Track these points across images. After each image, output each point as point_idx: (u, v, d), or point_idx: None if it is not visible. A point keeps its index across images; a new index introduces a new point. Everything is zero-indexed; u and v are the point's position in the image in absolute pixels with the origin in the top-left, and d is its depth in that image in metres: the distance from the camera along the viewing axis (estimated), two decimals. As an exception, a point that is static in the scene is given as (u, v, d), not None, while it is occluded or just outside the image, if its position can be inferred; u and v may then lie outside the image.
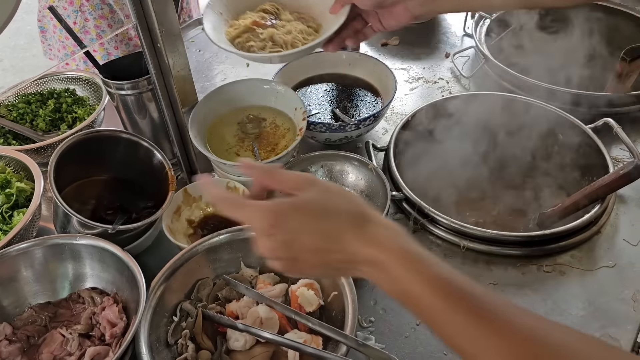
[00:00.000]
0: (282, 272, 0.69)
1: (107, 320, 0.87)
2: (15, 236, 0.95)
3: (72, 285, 0.95)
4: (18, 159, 1.12)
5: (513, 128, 1.20)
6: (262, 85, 1.20)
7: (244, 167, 0.68)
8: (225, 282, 0.92)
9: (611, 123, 1.15)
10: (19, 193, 1.08)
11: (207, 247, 0.92)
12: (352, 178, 1.13)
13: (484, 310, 0.51)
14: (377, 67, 1.32)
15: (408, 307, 0.56)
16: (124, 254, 0.89)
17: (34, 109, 1.32)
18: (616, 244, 1.03)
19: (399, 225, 0.60)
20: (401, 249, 0.56)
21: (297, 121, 1.14)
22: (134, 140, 1.02)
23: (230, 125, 1.18)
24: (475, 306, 0.52)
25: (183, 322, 0.88)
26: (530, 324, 0.51)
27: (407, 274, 0.55)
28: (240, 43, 1.05)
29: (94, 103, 1.37)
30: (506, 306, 0.52)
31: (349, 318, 0.79)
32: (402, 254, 0.56)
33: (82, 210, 0.94)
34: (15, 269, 0.92)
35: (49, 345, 0.87)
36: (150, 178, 1.03)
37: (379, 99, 1.31)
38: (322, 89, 1.35)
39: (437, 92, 1.45)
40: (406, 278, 0.55)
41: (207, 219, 1.09)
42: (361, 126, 1.18)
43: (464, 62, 1.54)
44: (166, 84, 1.04)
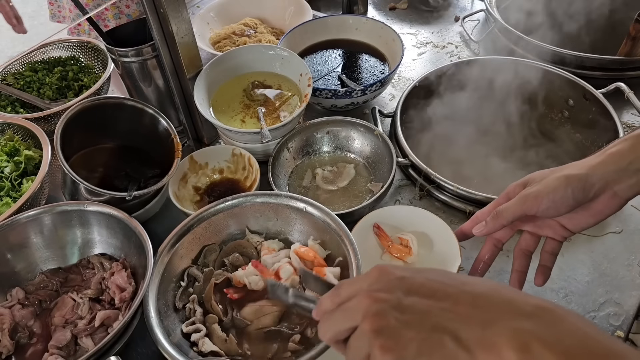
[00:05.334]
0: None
1: (116, 285, 0.89)
2: (24, 203, 0.96)
3: (81, 251, 0.97)
4: (26, 127, 1.13)
5: (522, 93, 1.18)
6: (268, 51, 1.19)
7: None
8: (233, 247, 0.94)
9: (623, 87, 1.13)
10: (27, 161, 1.09)
11: (213, 214, 0.93)
12: (358, 144, 1.13)
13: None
14: (385, 32, 1.30)
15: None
16: (131, 221, 0.90)
17: (41, 77, 1.32)
18: (624, 210, 1.00)
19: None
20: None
21: (303, 87, 1.13)
22: (140, 107, 1.02)
23: (235, 92, 1.17)
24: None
25: (190, 287, 0.89)
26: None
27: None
28: (219, 47, 1.41)
29: (99, 71, 1.37)
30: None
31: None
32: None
33: (90, 178, 0.94)
34: (25, 236, 0.94)
35: (61, 309, 0.89)
36: (156, 145, 1.03)
37: (386, 65, 1.29)
38: (328, 54, 1.33)
39: (445, 57, 1.42)
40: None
41: (214, 186, 1.10)
42: (367, 92, 1.17)
43: (473, 26, 1.51)
44: (170, 51, 1.04)
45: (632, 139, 0.65)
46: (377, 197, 0.98)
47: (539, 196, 0.67)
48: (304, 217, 0.92)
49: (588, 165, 0.66)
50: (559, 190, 0.66)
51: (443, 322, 0.45)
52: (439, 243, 0.89)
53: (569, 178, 0.66)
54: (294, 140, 1.12)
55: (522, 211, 0.69)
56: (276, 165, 1.07)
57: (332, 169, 1.11)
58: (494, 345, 0.43)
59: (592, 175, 0.65)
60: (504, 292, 0.47)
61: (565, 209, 0.67)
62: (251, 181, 1.06)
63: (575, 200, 0.66)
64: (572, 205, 0.66)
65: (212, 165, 1.11)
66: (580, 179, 0.65)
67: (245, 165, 1.08)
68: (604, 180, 0.65)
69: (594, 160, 0.66)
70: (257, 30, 1.46)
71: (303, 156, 1.14)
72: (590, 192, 0.65)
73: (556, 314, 0.44)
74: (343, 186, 1.08)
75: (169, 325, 0.82)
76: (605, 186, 0.65)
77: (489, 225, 0.72)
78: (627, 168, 0.64)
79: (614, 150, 0.66)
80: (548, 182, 0.67)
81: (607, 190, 0.65)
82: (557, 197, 0.66)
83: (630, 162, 0.64)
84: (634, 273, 0.92)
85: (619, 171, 0.64)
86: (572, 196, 0.65)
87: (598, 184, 0.65)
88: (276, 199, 0.94)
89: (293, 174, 1.12)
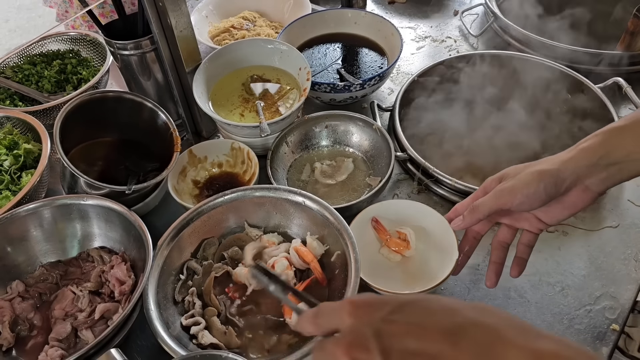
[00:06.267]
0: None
1: (115, 278, 0.89)
2: (24, 197, 0.96)
3: (81, 245, 0.97)
4: (25, 120, 1.13)
5: (521, 87, 1.18)
6: (267, 45, 1.19)
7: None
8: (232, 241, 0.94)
9: (621, 82, 1.13)
10: (26, 154, 1.09)
11: (212, 207, 0.93)
12: (357, 138, 1.13)
13: None
14: (383, 26, 1.30)
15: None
16: (131, 214, 0.91)
17: (39, 70, 1.32)
18: (620, 205, 1.03)
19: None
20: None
21: (302, 81, 1.13)
22: (138, 101, 1.02)
23: (234, 86, 1.17)
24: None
25: (189, 281, 0.90)
26: None
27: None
28: (218, 41, 1.40)
29: (98, 64, 1.37)
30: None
31: (351, 277, 0.80)
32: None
33: (89, 171, 0.95)
34: (25, 229, 0.94)
35: (61, 302, 0.90)
36: (155, 139, 1.04)
37: (384, 59, 1.29)
38: (327, 48, 1.33)
39: (444, 51, 1.42)
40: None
41: (213, 180, 1.10)
42: (366, 86, 1.17)
43: (472, 20, 1.51)
44: (169, 44, 1.04)
45: (602, 134, 0.68)
46: (376, 191, 0.99)
47: (513, 191, 0.69)
48: (303, 211, 0.93)
49: (560, 161, 0.68)
50: (532, 185, 0.68)
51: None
52: (437, 237, 0.89)
53: (541, 173, 0.68)
54: (292, 134, 1.12)
55: (497, 206, 0.71)
56: (275, 159, 1.08)
57: (331, 163, 1.11)
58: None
59: (563, 170, 0.67)
60: (512, 336, 0.40)
61: (538, 203, 0.69)
62: (250, 175, 1.07)
63: (547, 195, 0.68)
64: (545, 200, 0.69)
65: (211, 159, 1.11)
66: (552, 175, 0.67)
67: (244, 159, 1.09)
68: (575, 175, 0.67)
69: (565, 155, 0.69)
70: (256, 23, 1.47)
71: (302, 150, 1.14)
72: (562, 187, 0.67)
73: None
74: (341, 180, 1.08)
75: (168, 318, 0.83)
76: (577, 180, 0.67)
77: (466, 219, 0.75)
78: (597, 163, 0.66)
79: (585, 146, 0.68)
80: (521, 177, 0.69)
81: (579, 185, 0.67)
82: (530, 191, 0.68)
83: (600, 157, 0.66)
84: (630, 267, 0.93)
85: (590, 166, 0.66)
86: (545, 191, 0.68)
87: (569, 178, 0.67)
88: (275, 193, 0.94)
89: (292, 168, 1.12)
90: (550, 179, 0.67)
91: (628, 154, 0.65)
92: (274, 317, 0.84)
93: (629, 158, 0.65)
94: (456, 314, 0.42)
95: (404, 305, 0.43)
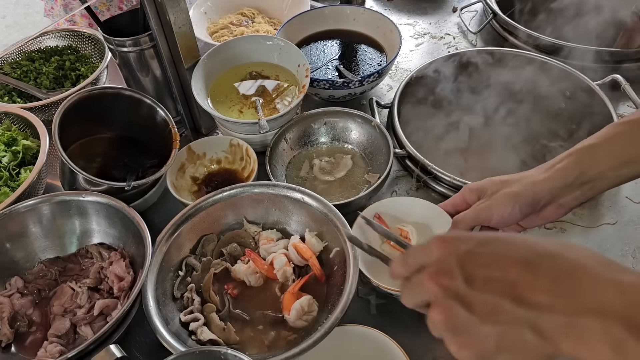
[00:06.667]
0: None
1: (114, 274, 0.90)
2: (23, 193, 0.96)
3: (80, 241, 0.97)
4: (23, 117, 1.13)
5: (519, 84, 1.18)
6: (265, 42, 1.18)
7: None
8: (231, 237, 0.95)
9: (619, 80, 1.13)
10: (25, 150, 1.09)
11: (211, 204, 0.94)
12: (356, 135, 1.13)
13: None
14: (382, 23, 1.30)
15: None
16: (129, 211, 0.91)
17: (38, 67, 1.32)
18: (618, 202, 1.03)
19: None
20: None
21: (301, 78, 1.13)
22: (137, 97, 1.02)
23: (233, 82, 1.17)
24: None
25: (188, 277, 0.90)
26: None
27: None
28: (216, 37, 1.40)
29: (97, 61, 1.36)
30: None
31: (350, 273, 0.81)
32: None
33: (88, 168, 0.94)
34: (24, 225, 0.94)
35: (60, 298, 0.90)
36: (154, 136, 1.04)
37: (383, 55, 1.29)
38: (325, 45, 1.33)
39: (443, 48, 1.42)
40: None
41: (211, 176, 1.10)
42: (365, 83, 1.17)
43: (471, 17, 1.51)
44: (168, 41, 1.03)
45: (576, 153, 0.71)
46: (374, 188, 0.99)
47: (490, 211, 0.74)
48: (302, 208, 0.93)
49: (534, 182, 0.72)
50: (507, 207, 0.72)
51: (519, 314, 0.42)
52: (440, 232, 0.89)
53: (516, 195, 0.72)
54: (291, 131, 1.12)
55: (476, 223, 0.76)
56: (274, 156, 1.08)
57: (330, 159, 1.12)
58: (583, 338, 0.40)
59: (538, 192, 0.71)
60: (592, 268, 0.41)
61: (514, 221, 0.74)
62: (249, 172, 1.07)
63: (522, 214, 0.73)
64: (520, 218, 0.73)
65: (209, 155, 1.11)
66: (527, 197, 0.71)
67: (242, 155, 1.09)
68: (550, 195, 0.71)
69: (541, 176, 0.72)
70: (255, 20, 1.47)
71: (300, 147, 1.14)
72: (537, 207, 0.72)
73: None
74: (340, 177, 1.08)
75: (167, 314, 0.83)
76: (551, 200, 0.72)
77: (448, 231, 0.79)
78: (572, 183, 0.70)
79: (560, 166, 0.71)
80: (498, 198, 0.74)
81: (553, 203, 0.72)
82: (505, 213, 0.72)
83: (575, 177, 0.70)
84: (628, 263, 0.93)
85: (564, 187, 0.71)
86: (520, 212, 0.72)
87: (544, 199, 0.71)
88: (274, 190, 0.94)
89: (290, 165, 1.12)
90: (526, 201, 0.71)
91: (600, 172, 0.69)
92: (272, 314, 0.85)
93: (600, 176, 0.69)
94: (537, 247, 0.44)
95: (488, 239, 0.46)
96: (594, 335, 0.39)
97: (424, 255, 0.49)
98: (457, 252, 0.46)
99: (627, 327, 0.38)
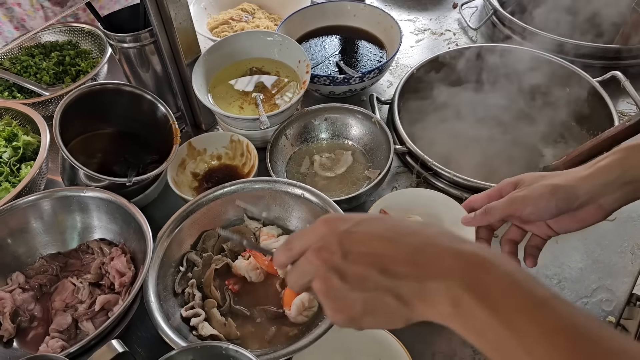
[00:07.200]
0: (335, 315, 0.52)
1: (115, 270, 0.90)
2: (23, 188, 0.97)
3: (80, 237, 0.97)
4: (24, 112, 1.13)
5: (519, 81, 1.18)
6: (266, 38, 1.18)
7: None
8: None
9: (619, 76, 1.13)
10: (25, 146, 1.09)
11: (212, 199, 0.94)
12: (356, 131, 1.13)
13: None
14: (383, 19, 1.30)
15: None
16: (130, 206, 0.91)
17: (38, 62, 1.31)
18: (618, 198, 1.03)
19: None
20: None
21: (301, 74, 1.13)
22: (138, 93, 1.02)
23: (233, 78, 1.17)
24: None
25: (189, 273, 0.90)
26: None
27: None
28: (216, 32, 1.40)
29: (97, 56, 1.36)
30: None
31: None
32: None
33: (89, 164, 0.95)
34: (25, 221, 0.94)
35: (61, 294, 0.90)
36: (154, 131, 1.04)
37: (384, 52, 1.29)
38: (326, 41, 1.33)
39: (443, 44, 1.42)
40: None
41: (212, 172, 1.10)
42: (365, 79, 1.17)
43: (471, 13, 1.51)
44: (169, 36, 1.03)
45: (620, 152, 0.68)
46: (375, 184, 0.99)
47: (525, 200, 0.70)
48: (302, 204, 0.93)
49: (576, 177, 0.68)
50: (544, 199, 0.68)
51: (382, 282, 0.48)
52: (450, 223, 0.88)
53: (555, 188, 0.68)
54: (292, 127, 1.12)
55: (508, 212, 0.72)
56: (274, 152, 1.08)
57: (330, 155, 1.12)
58: (431, 299, 0.46)
59: (579, 187, 0.67)
60: (441, 242, 0.49)
61: (547, 215, 0.70)
62: (249, 167, 1.07)
63: (558, 210, 0.68)
64: (555, 214, 0.69)
65: (210, 151, 1.11)
66: (566, 191, 0.68)
67: (243, 151, 1.09)
68: (590, 194, 0.67)
69: (583, 172, 0.69)
70: (255, 15, 1.46)
71: (301, 143, 1.14)
72: (574, 204, 0.68)
73: (486, 262, 0.46)
74: (340, 173, 1.08)
75: (168, 309, 0.83)
76: (591, 199, 0.67)
77: (477, 219, 0.75)
78: (614, 182, 0.66)
79: (603, 164, 0.68)
80: (535, 189, 0.70)
81: (592, 203, 0.67)
82: (541, 204, 0.68)
83: (617, 176, 0.66)
84: (627, 260, 0.94)
85: (606, 185, 0.67)
86: (556, 205, 0.68)
87: (584, 196, 0.67)
88: (274, 186, 0.94)
89: (291, 161, 1.12)
90: (564, 195, 0.67)
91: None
92: (273, 309, 0.85)
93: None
94: (401, 226, 0.52)
95: (363, 220, 0.53)
96: (438, 296, 0.46)
97: (308, 236, 0.54)
98: (337, 231, 0.52)
99: (462, 286, 0.45)
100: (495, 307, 0.43)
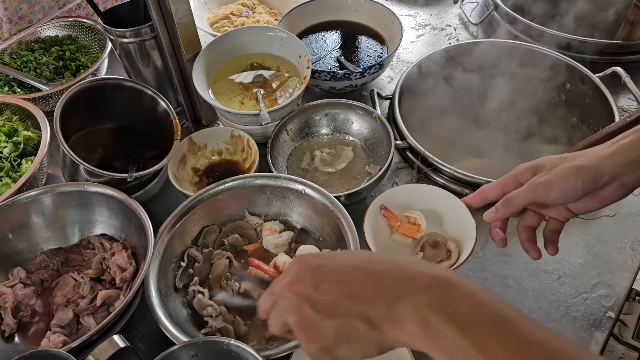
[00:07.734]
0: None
1: (117, 265, 0.90)
2: (24, 184, 0.97)
3: (81, 232, 0.98)
4: (24, 107, 1.13)
5: (520, 76, 1.18)
6: (267, 33, 1.18)
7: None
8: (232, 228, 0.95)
9: (620, 72, 1.13)
10: (26, 141, 1.09)
11: (212, 195, 0.94)
12: (357, 127, 1.13)
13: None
14: (383, 14, 1.29)
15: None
16: (131, 202, 0.91)
17: (38, 57, 1.31)
18: (618, 194, 1.03)
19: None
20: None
21: (302, 69, 1.13)
22: (138, 88, 1.02)
23: (234, 74, 1.17)
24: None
25: (190, 268, 0.91)
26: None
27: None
28: (217, 27, 1.40)
29: (97, 51, 1.36)
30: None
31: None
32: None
33: (89, 159, 0.94)
34: (26, 216, 0.94)
35: (62, 289, 0.90)
36: (155, 127, 1.04)
37: (384, 47, 1.29)
38: (326, 36, 1.33)
39: (444, 40, 1.42)
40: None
41: (213, 167, 1.10)
42: (366, 74, 1.17)
43: (472, 9, 1.50)
44: (169, 31, 1.03)
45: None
46: (375, 180, 0.99)
47: (549, 185, 0.68)
48: (303, 199, 0.93)
49: (598, 156, 0.67)
50: (569, 181, 0.66)
51: (352, 307, 0.49)
52: (451, 219, 0.87)
53: (579, 169, 0.67)
54: (292, 122, 1.12)
55: (532, 199, 0.70)
56: (275, 147, 1.08)
57: (331, 151, 1.12)
58: (400, 321, 0.47)
59: (602, 166, 0.66)
60: (407, 266, 0.50)
61: (574, 198, 0.68)
62: (250, 163, 1.07)
63: (584, 191, 0.67)
64: (581, 195, 0.68)
65: (211, 146, 1.11)
66: (590, 171, 0.66)
67: (244, 147, 1.09)
68: (614, 172, 0.66)
69: (604, 150, 0.67)
70: (255, 10, 1.46)
71: (302, 138, 1.14)
72: (599, 183, 0.66)
73: (450, 283, 0.47)
74: (341, 168, 1.08)
75: (169, 304, 0.84)
76: (614, 177, 0.66)
77: (500, 211, 0.73)
78: (636, 160, 0.65)
79: (625, 142, 0.67)
80: (558, 172, 0.68)
81: (615, 181, 0.66)
82: (567, 187, 0.67)
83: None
84: (626, 255, 0.94)
85: (629, 163, 0.65)
86: (582, 187, 0.67)
87: (608, 174, 0.66)
88: (275, 181, 0.95)
89: (292, 156, 1.12)
90: (589, 175, 0.66)
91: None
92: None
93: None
94: (369, 256, 0.55)
95: (335, 254, 0.57)
96: (406, 317, 0.46)
97: (284, 276, 0.56)
98: (309, 266, 0.54)
99: (429, 305, 0.46)
100: (463, 325, 0.44)
